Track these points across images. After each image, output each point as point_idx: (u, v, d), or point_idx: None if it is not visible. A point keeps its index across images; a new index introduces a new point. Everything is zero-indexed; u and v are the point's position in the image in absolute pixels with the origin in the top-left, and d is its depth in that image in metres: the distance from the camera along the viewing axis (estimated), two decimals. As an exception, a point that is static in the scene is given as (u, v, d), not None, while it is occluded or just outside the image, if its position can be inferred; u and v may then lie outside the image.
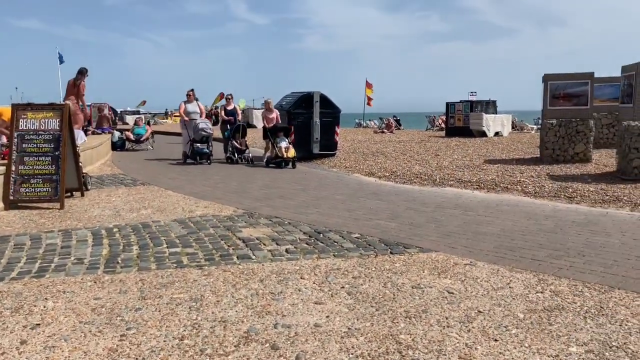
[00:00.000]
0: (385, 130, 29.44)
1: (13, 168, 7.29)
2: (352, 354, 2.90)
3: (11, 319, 3.40)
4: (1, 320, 3.36)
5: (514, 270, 4.38)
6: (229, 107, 14.58)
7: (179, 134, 26.31)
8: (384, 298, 3.74)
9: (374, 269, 4.43)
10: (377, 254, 4.87)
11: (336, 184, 9.91)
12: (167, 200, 7.81)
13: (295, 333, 3.16)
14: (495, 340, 3.07)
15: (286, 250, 4.98)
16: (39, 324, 3.31)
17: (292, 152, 12.62)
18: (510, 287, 3.97)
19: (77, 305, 3.62)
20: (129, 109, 45.84)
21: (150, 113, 49.14)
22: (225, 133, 14.14)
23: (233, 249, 5.04)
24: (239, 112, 14.49)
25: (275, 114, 13.99)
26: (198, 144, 13.16)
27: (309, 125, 14.38)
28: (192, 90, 13.98)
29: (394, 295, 3.81)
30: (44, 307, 3.60)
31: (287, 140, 12.90)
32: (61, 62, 43.70)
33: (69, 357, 2.87)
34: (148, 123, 20.89)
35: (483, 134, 21.63)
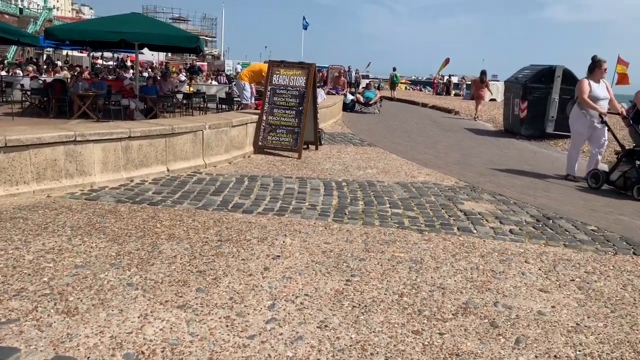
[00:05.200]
0: None
1: (264, 118, 8.24)
2: (579, 351, 2.68)
3: (257, 247, 3.92)
4: (250, 247, 3.90)
5: None
6: None
7: (409, 102, 26.75)
8: (622, 301, 3.35)
9: (611, 267, 3.97)
10: (616, 252, 4.35)
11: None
12: (391, 163, 8.05)
13: (516, 316, 3.03)
14: None
15: (510, 231, 4.76)
16: (279, 256, 3.75)
17: None
18: None
19: (310, 246, 4.00)
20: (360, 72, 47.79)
21: (378, 78, 50.62)
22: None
23: (454, 220, 4.99)
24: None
25: None
26: None
27: (545, 101, 13.26)
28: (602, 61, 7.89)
29: (635, 300, 3.38)
30: (284, 242, 4.06)
31: None
32: (305, 28, 47.43)
33: (302, 290, 3.21)
34: (378, 88, 21.58)
35: None
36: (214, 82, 22.72)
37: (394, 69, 30.44)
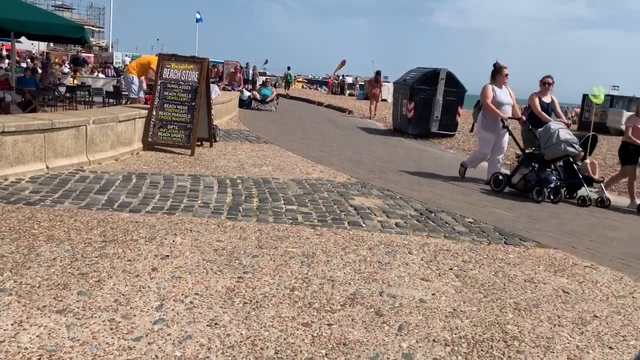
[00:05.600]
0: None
1: (154, 113, 7.94)
2: (455, 334, 2.90)
3: (145, 247, 3.79)
4: (137, 248, 3.76)
5: (641, 281, 4.06)
6: (546, 99, 8.05)
7: (302, 99, 27.10)
8: (493, 286, 3.66)
9: (485, 256, 4.32)
10: (490, 242, 4.74)
11: (452, 166, 9.66)
12: (286, 160, 8.12)
13: (399, 304, 3.21)
14: (611, 348, 2.90)
15: (396, 224, 5.01)
16: (168, 256, 3.66)
17: None
18: (633, 297, 3.70)
19: (202, 244, 3.94)
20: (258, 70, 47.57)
21: (275, 76, 50.71)
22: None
23: (345, 215, 5.15)
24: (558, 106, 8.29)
25: None
26: (547, 170, 7.27)
27: (430, 102, 14.08)
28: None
29: (504, 285, 3.71)
30: (173, 241, 3.96)
31: None
32: (199, 21, 46.42)
33: (192, 289, 3.16)
34: (274, 85, 21.63)
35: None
36: (100, 75, 21.48)
37: (289, 68, 32.89)
